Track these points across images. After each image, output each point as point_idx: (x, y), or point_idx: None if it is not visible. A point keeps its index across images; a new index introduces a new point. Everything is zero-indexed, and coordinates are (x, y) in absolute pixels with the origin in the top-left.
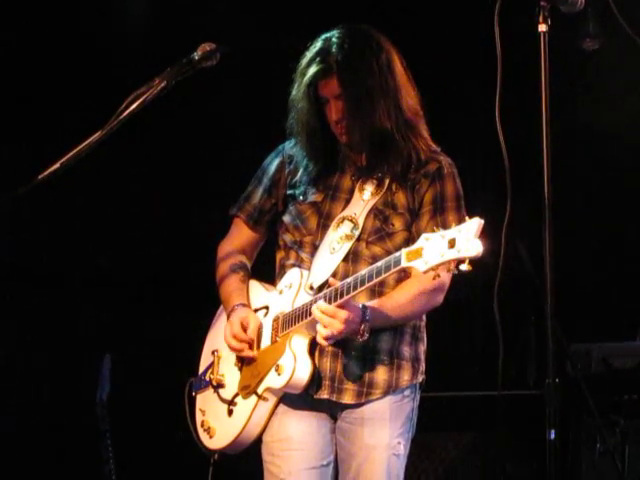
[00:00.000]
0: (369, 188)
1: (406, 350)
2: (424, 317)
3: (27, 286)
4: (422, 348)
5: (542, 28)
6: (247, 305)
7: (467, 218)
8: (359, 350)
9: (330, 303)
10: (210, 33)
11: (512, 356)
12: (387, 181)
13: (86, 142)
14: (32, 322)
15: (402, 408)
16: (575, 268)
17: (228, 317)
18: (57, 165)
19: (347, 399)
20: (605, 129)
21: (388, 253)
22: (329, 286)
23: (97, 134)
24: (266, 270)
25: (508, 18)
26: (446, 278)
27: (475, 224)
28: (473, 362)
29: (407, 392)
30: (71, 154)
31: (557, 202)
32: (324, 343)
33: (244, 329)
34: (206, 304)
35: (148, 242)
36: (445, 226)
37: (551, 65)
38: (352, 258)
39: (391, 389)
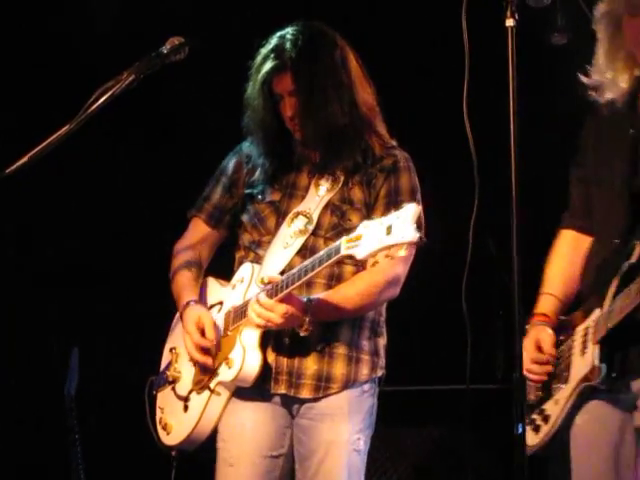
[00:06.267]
0: (325, 184)
1: (365, 344)
2: (383, 312)
3: None
4: (382, 343)
5: (509, 23)
6: (198, 302)
7: (405, 204)
8: (317, 344)
9: (274, 296)
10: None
11: (480, 350)
12: (342, 177)
13: (54, 135)
14: None
15: (362, 403)
16: (543, 261)
17: (181, 316)
18: (25, 159)
19: (305, 394)
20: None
21: None
22: (269, 282)
23: (65, 127)
24: (228, 270)
25: (476, 12)
26: (400, 271)
27: (411, 210)
28: (441, 356)
29: (366, 387)
30: (39, 147)
31: (525, 194)
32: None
33: (202, 332)
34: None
35: (120, 236)
36: None
37: (519, 58)
38: (309, 254)
39: (349, 383)
